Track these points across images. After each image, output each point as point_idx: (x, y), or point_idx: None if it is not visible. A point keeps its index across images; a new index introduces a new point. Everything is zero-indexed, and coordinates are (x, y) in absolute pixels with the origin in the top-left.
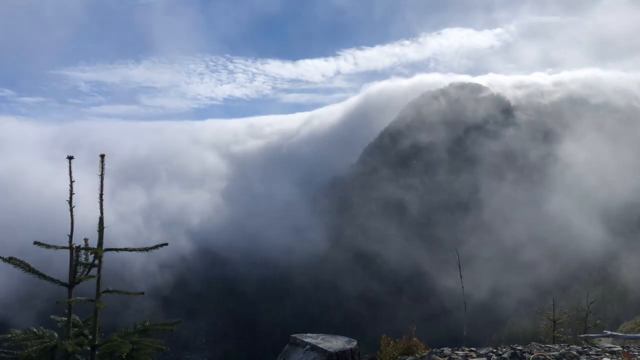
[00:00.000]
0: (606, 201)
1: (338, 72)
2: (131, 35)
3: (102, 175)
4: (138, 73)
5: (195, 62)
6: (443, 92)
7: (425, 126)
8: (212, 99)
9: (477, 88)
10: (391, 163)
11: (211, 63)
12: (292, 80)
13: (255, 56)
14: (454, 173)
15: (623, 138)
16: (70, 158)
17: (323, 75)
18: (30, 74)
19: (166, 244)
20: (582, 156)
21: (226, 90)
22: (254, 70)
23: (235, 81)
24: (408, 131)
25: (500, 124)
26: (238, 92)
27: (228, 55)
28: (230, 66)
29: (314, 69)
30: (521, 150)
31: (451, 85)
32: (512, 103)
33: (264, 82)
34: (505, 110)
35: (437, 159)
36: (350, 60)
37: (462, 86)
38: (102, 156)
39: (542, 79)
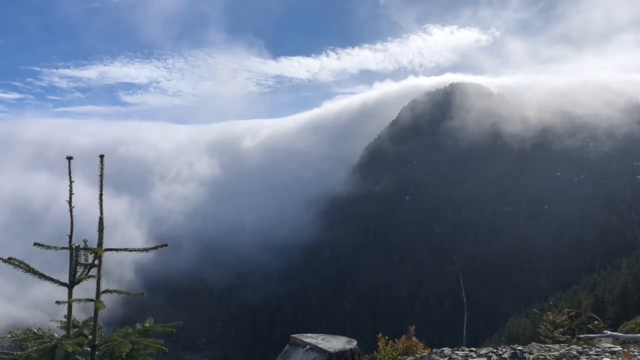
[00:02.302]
0: None
1: (323, 69)
2: (100, 31)
3: (101, 176)
4: (115, 69)
5: (174, 57)
6: (443, 91)
7: (426, 126)
8: (195, 95)
9: (479, 88)
10: (391, 163)
11: (190, 58)
12: (277, 77)
13: (233, 53)
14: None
15: None
16: (69, 158)
17: (308, 71)
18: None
19: (165, 245)
20: None
21: (209, 86)
22: (236, 66)
23: (218, 77)
24: (408, 130)
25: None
26: (222, 89)
27: (207, 50)
28: (211, 61)
29: (297, 64)
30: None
31: (452, 85)
32: (513, 103)
33: (247, 79)
34: (506, 110)
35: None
36: (334, 57)
37: (462, 86)
38: (102, 156)
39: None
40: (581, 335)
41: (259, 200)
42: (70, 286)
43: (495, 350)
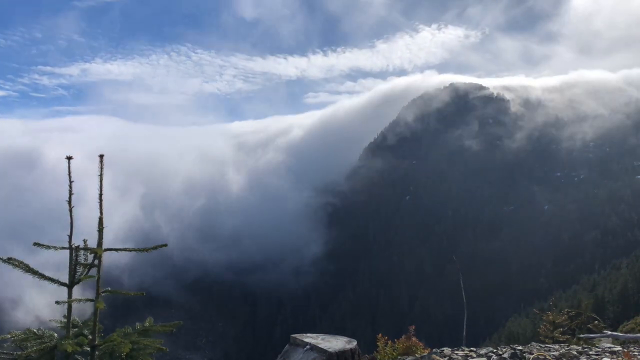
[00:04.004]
0: None
1: (311, 66)
2: (76, 26)
3: (101, 176)
4: (96, 66)
5: (157, 53)
6: (442, 91)
7: (427, 126)
8: (181, 92)
9: (478, 88)
10: (391, 164)
11: (173, 53)
12: (265, 73)
13: (217, 49)
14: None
15: None
16: (69, 158)
17: (296, 68)
18: None
19: (165, 245)
20: None
21: (195, 83)
22: (221, 62)
23: (203, 74)
24: (408, 131)
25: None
26: (209, 87)
27: (189, 45)
28: (195, 57)
29: (285, 62)
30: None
31: (451, 85)
32: (513, 103)
33: (234, 76)
34: (504, 110)
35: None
36: (322, 54)
37: (461, 86)
38: (101, 156)
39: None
40: (581, 335)
41: (258, 202)
42: (70, 286)
43: (495, 350)
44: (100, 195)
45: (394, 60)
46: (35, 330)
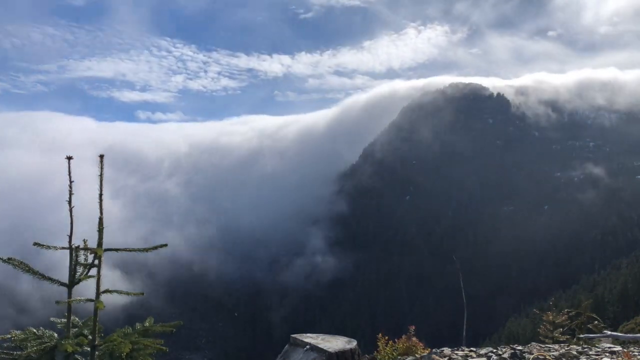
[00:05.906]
0: None
1: (298, 63)
2: (48, 19)
3: (101, 176)
4: (74, 63)
5: (136, 47)
6: (444, 92)
7: (427, 127)
8: (165, 90)
9: (479, 88)
10: (390, 164)
11: (153, 48)
12: (250, 70)
13: (198, 44)
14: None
15: None
16: (69, 158)
17: (282, 64)
18: None
19: (165, 245)
20: None
21: (179, 80)
22: (203, 58)
23: (187, 70)
24: (407, 131)
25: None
26: (194, 84)
27: (168, 39)
28: (176, 52)
29: (269, 58)
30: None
31: (451, 85)
32: (512, 104)
33: (219, 73)
34: (506, 110)
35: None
36: (310, 53)
37: (464, 87)
38: (102, 156)
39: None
40: (581, 335)
41: (256, 203)
42: (70, 286)
43: (495, 350)
44: (100, 195)
45: (386, 61)
46: (35, 330)
